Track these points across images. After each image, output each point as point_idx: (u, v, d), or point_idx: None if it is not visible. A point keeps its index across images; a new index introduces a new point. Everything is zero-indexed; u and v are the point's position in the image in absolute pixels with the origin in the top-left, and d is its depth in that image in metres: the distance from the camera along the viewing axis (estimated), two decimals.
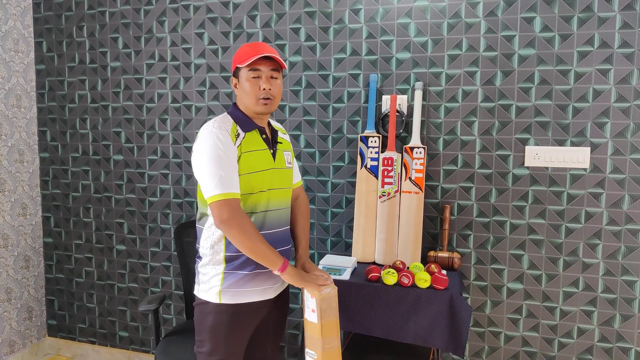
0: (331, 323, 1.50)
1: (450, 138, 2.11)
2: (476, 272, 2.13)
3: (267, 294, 1.50)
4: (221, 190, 1.36)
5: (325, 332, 1.49)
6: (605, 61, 1.92)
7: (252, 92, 1.44)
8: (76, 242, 2.74)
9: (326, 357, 1.49)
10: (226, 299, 1.45)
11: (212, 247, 1.47)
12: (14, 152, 2.61)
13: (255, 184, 1.44)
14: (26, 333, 2.72)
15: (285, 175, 1.56)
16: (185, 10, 2.41)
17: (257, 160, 1.45)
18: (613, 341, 2.00)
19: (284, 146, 1.60)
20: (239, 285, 1.45)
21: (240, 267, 1.45)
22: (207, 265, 1.49)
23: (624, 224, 1.95)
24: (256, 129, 1.49)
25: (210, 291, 1.47)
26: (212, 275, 1.47)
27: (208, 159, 1.37)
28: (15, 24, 2.58)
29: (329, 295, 1.49)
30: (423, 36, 2.10)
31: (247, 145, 1.44)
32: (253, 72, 1.44)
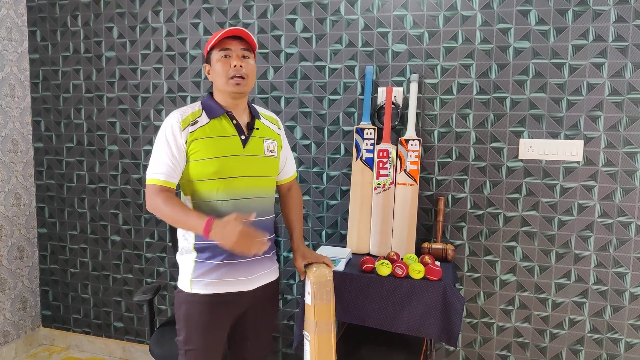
0: (325, 307, 1.52)
1: (445, 130, 2.12)
2: (469, 264, 2.15)
3: (242, 285, 1.46)
4: (148, 175, 1.41)
5: (319, 316, 1.51)
6: (600, 55, 1.93)
7: (222, 72, 1.41)
8: (71, 232, 2.73)
9: (319, 339, 1.52)
10: (197, 289, 1.43)
11: (184, 234, 1.47)
12: (7, 142, 2.59)
13: (216, 169, 1.40)
14: (20, 324, 2.72)
15: (262, 163, 1.50)
16: (181, 0, 2.40)
17: (216, 147, 1.41)
18: (603, 332, 2.03)
19: (264, 133, 1.53)
20: (210, 275, 1.43)
21: (211, 256, 1.43)
22: (181, 253, 1.49)
23: (616, 216, 1.97)
24: (224, 115, 1.46)
25: (183, 280, 1.47)
26: (185, 263, 1.47)
27: (156, 140, 1.43)
28: (8, 13, 2.55)
29: (323, 279, 1.50)
30: (419, 28, 2.10)
31: (207, 132, 1.42)
32: (223, 51, 1.42)
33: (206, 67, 1.49)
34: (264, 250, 1.37)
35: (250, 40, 1.45)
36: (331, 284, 1.54)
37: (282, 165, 1.64)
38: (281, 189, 1.70)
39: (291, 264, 2.38)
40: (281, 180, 1.68)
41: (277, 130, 1.61)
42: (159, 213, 1.39)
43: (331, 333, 1.55)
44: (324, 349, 1.54)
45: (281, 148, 1.60)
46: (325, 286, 1.52)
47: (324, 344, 1.54)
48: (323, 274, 1.53)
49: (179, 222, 1.39)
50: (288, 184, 1.70)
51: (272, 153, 1.54)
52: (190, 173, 1.42)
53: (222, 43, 1.42)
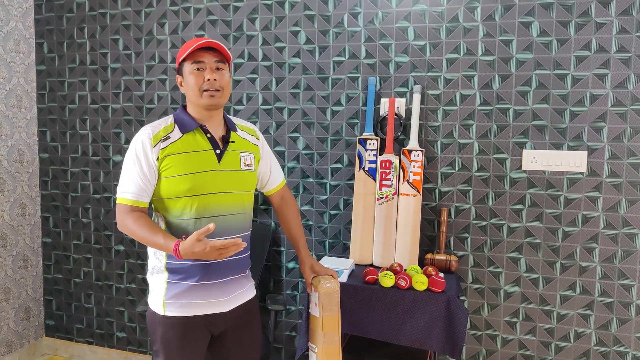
0: (332, 319, 1.52)
1: (448, 141, 2.12)
2: (473, 275, 2.13)
3: (218, 306, 1.40)
4: (118, 194, 1.37)
5: (326, 327, 1.51)
6: (602, 66, 1.93)
7: (195, 85, 1.35)
8: (75, 242, 2.74)
9: (326, 351, 1.52)
10: (171, 311, 1.37)
11: (155, 253, 1.42)
12: (13, 152, 2.62)
13: (189, 186, 1.34)
14: (24, 333, 2.73)
15: (239, 178, 1.43)
16: (185, 13, 2.43)
17: (189, 163, 1.35)
18: (610, 345, 2.01)
19: (240, 146, 1.47)
20: (183, 297, 1.37)
21: (184, 277, 1.37)
22: (152, 273, 1.43)
23: (621, 227, 1.96)
24: (197, 129, 1.40)
25: (155, 301, 1.41)
26: (156, 284, 1.41)
27: (125, 158, 1.38)
28: (16, 25, 2.59)
29: (330, 290, 1.50)
30: (421, 40, 2.11)
31: (180, 148, 1.36)
32: (196, 64, 1.35)
33: (178, 79, 1.43)
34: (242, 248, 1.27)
35: (223, 51, 1.38)
36: (338, 296, 1.54)
37: (267, 176, 1.59)
38: (273, 199, 1.65)
39: (294, 275, 2.37)
40: (271, 190, 1.63)
41: (254, 142, 1.54)
42: (129, 233, 1.34)
43: (338, 345, 1.54)
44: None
45: (260, 160, 1.54)
46: (333, 298, 1.52)
47: (331, 356, 1.54)
48: (331, 285, 1.52)
49: (148, 243, 1.32)
50: (279, 192, 1.64)
51: (249, 167, 1.47)
52: (161, 190, 1.36)
53: (195, 55, 1.36)
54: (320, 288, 1.51)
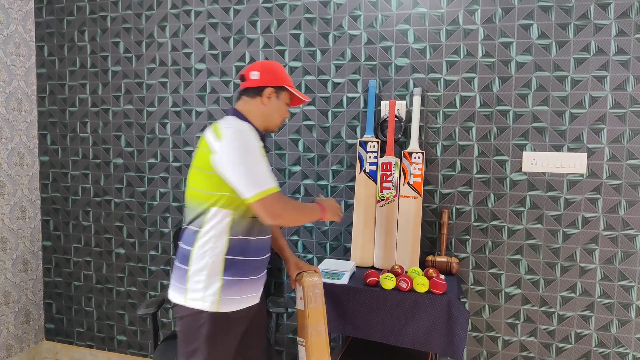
0: (317, 310, 1.60)
1: (449, 143, 2.12)
2: (474, 277, 2.14)
3: (253, 300, 1.50)
4: (264, 187, 1.35)
5: (312, 319, 1.59)
6: (602, 68, 1.94)
7: (281, 116, 1.57)
8: (75, 245, 2.74)
9: (314, 342, 1.58)
10: (225, 307, 1.41)
11: (210, 253, 1.41)
12: (14, 155, 2.61)
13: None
14: (24, 337, 2.72)
15: None
16: (186, 16, 2.43)
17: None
18: (610, 346, 2.01)
19: None
20: (236, 292, 1.43)
21: (238, 274, 1.43)
22: (202, 272, 1.42)
23: (621, 229, 1.97)
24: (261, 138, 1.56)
25: (205, 299, 1.41)
26: (208, 283, 1.41)
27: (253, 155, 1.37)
28: (17, 28, 2.60)
29: (314, 283, 1.61)
30: (422, 42, 2.12)
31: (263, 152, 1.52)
32: (290, 102, 1.61)
33: (270, 91, 1.51)
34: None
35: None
36: (321, 289, 1.63)
37: None
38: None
39: None
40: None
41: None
42: (285, 215, 1.38)
43: (325, 336, 1.61)
44: (319, 352, 1.60)
45: None
46: (316, 288, 1.61)
47: (319, 347, 1.60)
48: (312, 279, 1.62)
49: (306, 214, 1.46)
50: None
51: None
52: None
53: (295, 99, 1.62)
54: (304, 281, 1.61)
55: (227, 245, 1.41)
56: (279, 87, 1.53)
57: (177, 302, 1.45)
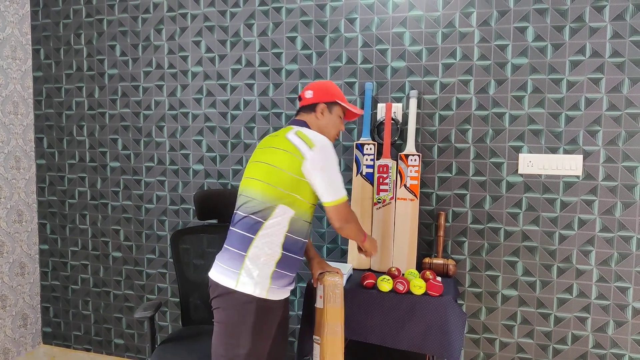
0: (335, 310, 1.65)
1: (445, 146, 2.13)
2: (471, 279, 2.14)
3: (288, 293, 1.65)
4: (340, 195, 1.55)
5: (329, 318, 1.63)
6: (597, 70, 1.95)
7: (336, 128, 1.71)
8: (72, 249, 2.74)
9: (329, 341, 1.62)
10: (274, 295, 1.55)
11: (270, 244, 1.53)
12: (10, 158, 2.61)
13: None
14: (21, 340, 2.71)
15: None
16: (182, 19, 2.43)
17: None
18: (607, 347, 2.02)
19: None
20: (282, 284, 1.57)
21: (289, 268, 1.58)
22: (259, 259, 1.53)
23: (617, 230, 1.97)
24: None
25: (258, 286, 1.52)
26: (263, 271, 1.53)
27: (337, 166, 1.57)
28: (13, 32, 2.59)
29: (334, 283, 1.66)
30: (418, 45, 2.13)
31: None
32: (344, 116, 1.76)
33: (323, 107, 1.67)
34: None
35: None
36: (341, 290, 1.67)
37: None
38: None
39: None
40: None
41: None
42: (350, 223, 1.60)
43: (340, 336, 1.65)
44: (334, 350, 1.64)
45: None
46: (336, 289, 1.66)
47: (334, 346, 1.64)
48: (334, 278, 1.67)
49: (358, 230, 1.65)
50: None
51: None
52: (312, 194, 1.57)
53: (349, 113, 1.77)
54: (325, 280, 1.66)
55: (284, 241, 1.54)
56: (331, 102, 1.68)
57: (228, 285, 1.52)
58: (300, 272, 2.36)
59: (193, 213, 2.50)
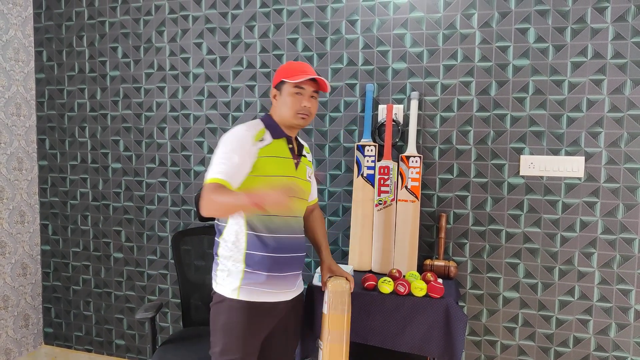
0: (339, 318, 1.59)
1: (446, 147, 2.12)
2: (472, 281, 2.14)
3: (284, 295, 1.57)
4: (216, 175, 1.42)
5: (332, 325, 1.58)
6: (599, 72, 1.94)
7: (292, 107, 1.53)
8: (74, 249, 2.74)
9: (331, 349, 1.58)
10: (245, 296, 1.50)
11: (234, 242, 1.53)
12: (13, 160, 2.62)
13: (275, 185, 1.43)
14: (22, 341, 2.72)
15: (304, 186, 1.63)
16: (184, 21, 2.44)
17: (279, 166, 1.53)
18: (609, 350, 2.00)
19: (306, 161, 1.67)
20: (258, 285, 1.51)
21: (260, 268, 1.51)
22: (228, 260, 1.54)
23: (619, 232, 1.96)
24: (284, 138, 1.58)
25: (229, 286, 1.52)
26: (232, 271, 1.52)
27: (222, 147, 1.47)
28: (16, 34, 2.60)
29: (340, 289, 1.59)
30: (419, 47, 2.12)
31: (271, 151, 1.53)
32: (297, 89, 1.53)
33: (274, 92, 1.59)
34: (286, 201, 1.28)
35: (324, 87, 1.56)
36: (347, 296, 1.61)
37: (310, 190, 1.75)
38: (306, 211, 1.78)
39: None
40: (309, 202, 1.77)
41: (310, 159, 1.74)
42: (209, 205, 1.37)
43: (343, 344, 1.60)
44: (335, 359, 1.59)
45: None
46: (342, 296, 1.59)
47: (335, 355, 1.59)
48: (340, 284, 1.61)
49: (231, 205, 1.36)
50: (313, 206, 1.80)
51: (310, 179, 1.68)
52: (252, 185, 1.46)
53: (300, 82, 1.53)
54: (330, 286, 1.61)
55: (247, 239, 1.51)
56: (279, 83, 1.57)
57: (213, 287, 1.57)
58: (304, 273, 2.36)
59: (194, 214, 2.50)
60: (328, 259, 1.74)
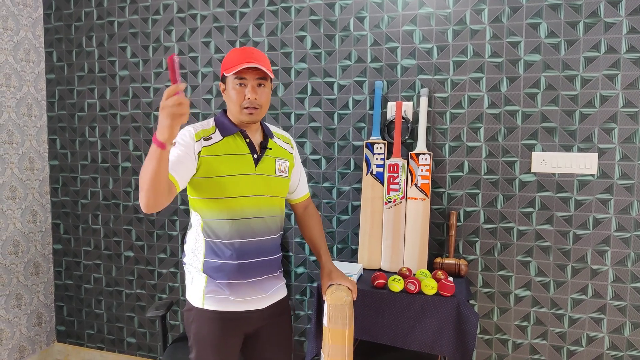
0: (339, 332, 1.46)
1: (456, 144, 2.10)
2: (483, 279, 2.12)
3: (254, 303, 1.46)
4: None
5: (332, 339, 1.46)
6: (612, 66, 1.91)
7: (237, 101, 1.40)
8: (85, 248, 2.77)
9: None
10: (210, 305, 1.42)
11: (193, 251, 1.48)
12: (24, 160, 2.65)
13: (227, 187, 1.39)
14: (36, 339, 2.75)
15: (273, 183, 1.48)
16: (192, 20, 2.44)
17: (230, 165, 1.40)
18: (623, 349, 1.98)
19: (277, 153, 1.52)
20: (222, 293, 1.42)
21: (221, 276, 1.42)
22: (191, 267, 1.48)
23: (633, 230, 1.93)
24: (237, 133, 1.44)
25: (194, 295, 1.46)
26: (196, 279, 1.46)
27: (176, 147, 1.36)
28: (26, 35, 2.63)
29: (339, 303, 1.45)
30: (428, 43, 2.10)
31: (219, 150, 1.40)
32: (239, 80, 1.39)
33: (221, 86, 1.47)
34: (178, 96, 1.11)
35: (267, 69, 1.40)
36: (348, 309, 1.46)
37: (295, 185, 1.62)
38: (297, 208, 1.69)
39: (302, 279, 2.37)
40: (296, 199, 1.67)
41: (289, 150, 1.59)
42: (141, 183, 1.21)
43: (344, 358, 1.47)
44: None
45: (293, 167, 1.58)
46: (341, 310, 1.45)
47: None
48: (340, 296, 1.46)
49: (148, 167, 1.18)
50: (303, 203, 1.69)
51: (283, 173, 1.52)
52: (201, 189, 1.40)
53: (238, 72, 1.38)
54: (329, 299, 1.47)
55: (205, 246, 1.44)
56: (222, 77, 1.45)
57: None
58: (313, 272, 2.36)
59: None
60: (328, 264, 1.59)
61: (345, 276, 1.57)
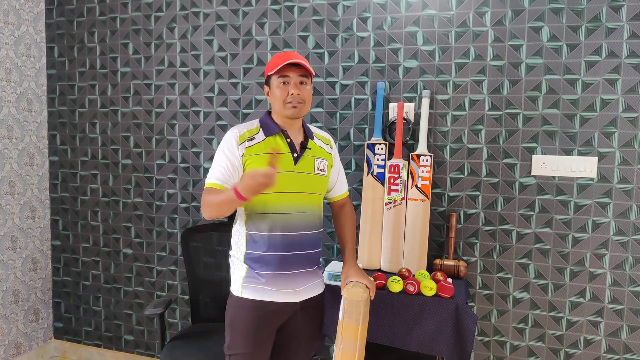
0: (352, 327, 1.51)
1: (457, 146, 2.11)
2: (482, 281, 2.12)
3: (290, 296, 1.54)
4: (211, 180, 1.49)
5: (345, 333, 1.51)
6: (613, 71, 1.92)
7: (281, 97, 1.51)
8: (84, 245, 2.76)
9: (343, 358, 1.51)
10: (248, 294, 1.52)
11: (237, 242, 1.58)
12: (24, 155, 2.64)
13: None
14: (32, 335, 2.74)
15: (311, 181, 1.58)
16: (195, 17, 2.44)
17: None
18: (620, 352, 1.99)
19: (316, 153, 1.62)
20: (260, 283, 1.51)
21: (261, 266, 1.52)
22: (234, 259, 1.59)
23: (632, 234, 1.94)
24: (279, 133, 1.55)
25: (234, 284, 1.57)
26: (237, 268, 1.57)
27: (217, 150, 1.53)
28: (28, 30, 2.62)
29: (355, 298, 1.51)
30: (430, 44, 2.11)
31: (261, 149, 1.51)
32: (282, 78, 1.51)
33: (265, 89, 1.58)
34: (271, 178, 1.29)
35: (307, 67, 1.52)
36: (364, 306, 1.51)
37: (333, 184, 1.71)
38: (334, 206, 1.79)
39: None
40: (333, 197, 1.76)
41: (329, 150, 1.68)
42: (206, 207, 1.45)
43: (355, 355, 1.50)
44: None
45: (332, 167, 1.67)
46: (357, 305, 1.51)
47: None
48: (356, 292, 1.51)
49: (221, 202, 1.39)
50: (340, 201, 1.77)
51: (321, 172, 1.61)
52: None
53: (281, 70, 1.50)
54: (347, 293, 1.53)
55: (247, 238, 1.54)
56: (266, 79, 1.58)
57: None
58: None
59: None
60: (350, 260, 1.66)
61: (365, 274, 1.63)
